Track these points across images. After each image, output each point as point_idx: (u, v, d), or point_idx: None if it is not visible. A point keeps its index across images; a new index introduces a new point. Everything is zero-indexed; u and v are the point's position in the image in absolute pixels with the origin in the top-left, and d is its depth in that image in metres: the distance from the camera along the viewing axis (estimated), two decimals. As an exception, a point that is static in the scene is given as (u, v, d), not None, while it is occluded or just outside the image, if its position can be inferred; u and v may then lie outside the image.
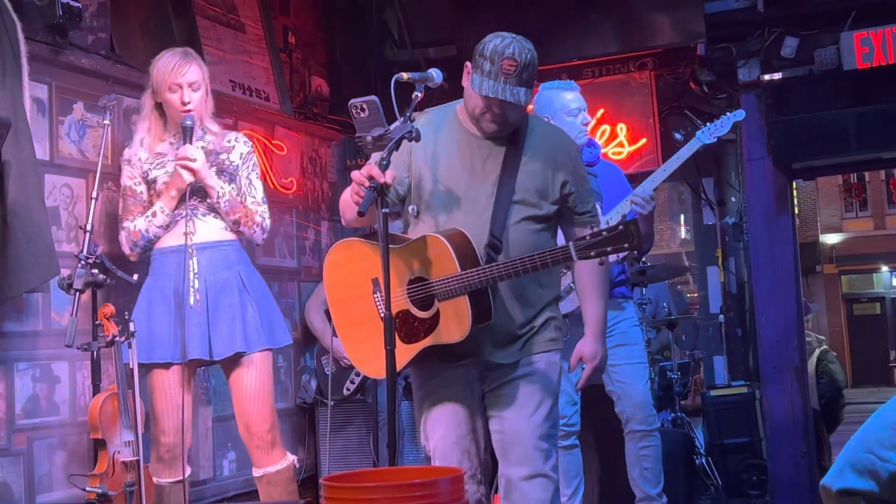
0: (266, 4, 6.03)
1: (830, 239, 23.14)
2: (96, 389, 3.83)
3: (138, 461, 3.76)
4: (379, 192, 2.72)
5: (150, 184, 3.87)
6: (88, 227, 3.69)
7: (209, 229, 3.84)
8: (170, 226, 3.83)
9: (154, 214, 3.84)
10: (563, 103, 4.38)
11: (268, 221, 3.97)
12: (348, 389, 5.50)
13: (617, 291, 4.45)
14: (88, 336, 3.83)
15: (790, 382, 6.00)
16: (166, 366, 3.76)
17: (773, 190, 6.10)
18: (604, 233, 2.69)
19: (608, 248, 2.69)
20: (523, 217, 2.98)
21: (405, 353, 2.91)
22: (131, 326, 3.78)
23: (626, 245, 2.67)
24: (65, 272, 3.82)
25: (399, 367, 2.90)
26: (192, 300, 3.75)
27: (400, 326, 2.91)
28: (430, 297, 2.88)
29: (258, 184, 3.98)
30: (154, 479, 3.83)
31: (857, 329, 23.24)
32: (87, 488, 3.64)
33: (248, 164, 3.97)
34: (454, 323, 2.85)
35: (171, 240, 3.83)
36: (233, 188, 3.88)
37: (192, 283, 3.76)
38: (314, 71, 6.52)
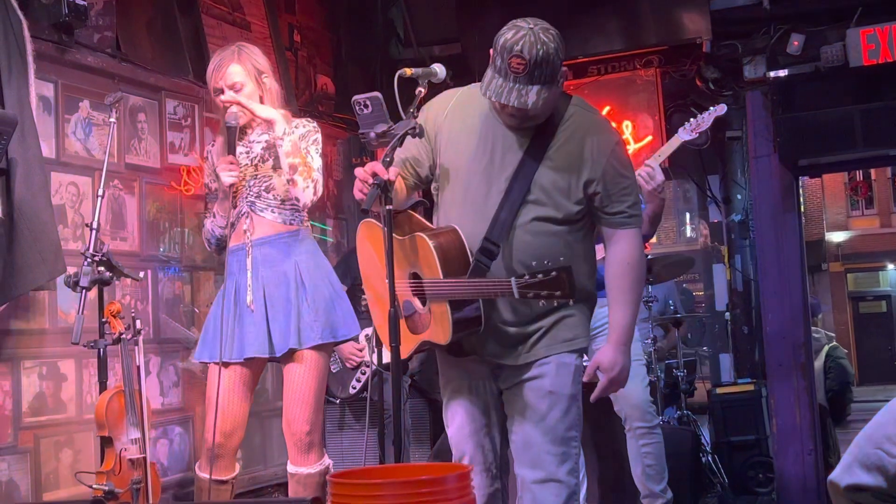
0: (272, 3, 6.03)
1: (836, 237, 23.12)
2: (103, 387, 3.83)
3: (145, 458, 3.76)
4: (383, 188, 2.71)
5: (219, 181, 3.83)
6: (95, 225, 3.68)
7: (266, 224, 3.79)
8: (234, 224, 3.81)
9: (213, 214, 3.84)
10: None
11: (321, 188, 3.77)
12: (354, 388, 5.50)
13: None
14: (95, 334, 3.83)
15: (797, 380, 5.98)
16: (222, 364, 3.74)
17: (779, 187, 6.09)
18: (539, 275, 2.57)
19: (543, 293, 2.58)
20: (536, 217, 2.83)
21: (411, 341, 2.92)
22: (137, 324, 3.78)
23: (557, 293, 2.56)
24: (71, 270, 3.83)
25: (405, 354, 2.91)
26: (248, 298, 3.75)
27: (407, 315, 2.92)
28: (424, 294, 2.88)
29: (317, 157, 3.78)
30: (197, 472, 3.83)
31: (863, 327, 23.22)
32: (94, 486, 3.64)
33: (309, 139, 3.79)
34: (440, 326, 2.82)
35: (233, 239, 3.82)
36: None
37: (248, 282, 3.75)
38: (320, 69, 6.52)
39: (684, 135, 4.27)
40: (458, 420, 3.04)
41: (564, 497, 2.89)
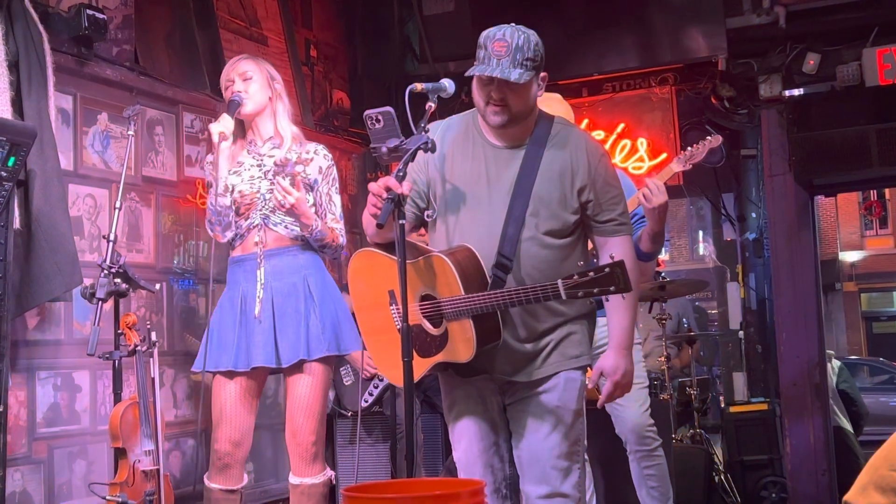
0: (289, 18, 6.07)
1: (850, 257, 23.04)
2: (117, 398, 3.84)
3: (158, 470, 3.77)
4: (396, 203, 2.71)
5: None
6: (111, 237, 3.71)
7: (278, 237, 3.80)
8: (244, 235, 3.83)
9: (212, 185, 3.81)
10: None
11: (344, 238, 3.91)
12: (366, 401, 5.50)
13: None
14: (110, 345, 3.85)
15: (811, 399, 5.96)
16: (228, 375, 3.76)
17: (794, 206, 6.08)
18: (591, 273, 2.62)
19: (595, 290, 2.63)
20: (539, 230, 2.89)
21: (420, 365, 2.91)
22: (153, 336, 3.79)
23: (612, 288, 2.61)
24: (87, 281, 3.84)
25: (414, 379, 2.90)
26: (256, 310, 3.76)
27: (414, 340, 2.90)
28: (440, 315, 2.88)
29: (337, 199, 3.89)
30: (206, 482, 3.84)
31: (876, 347, 23.08)
32: (108, 497, 3.65)
33: (329, 179, 3.88)
34: (461, 343, 2.83)
35: (241, 250, 3.83)
36: (308, 198, 3.82)
37: (257, 293, 3.76)
38: (335, 84, 6.55)
39: (677, 166, 4.20)
40: (466, 440, 3.04)
41: None
